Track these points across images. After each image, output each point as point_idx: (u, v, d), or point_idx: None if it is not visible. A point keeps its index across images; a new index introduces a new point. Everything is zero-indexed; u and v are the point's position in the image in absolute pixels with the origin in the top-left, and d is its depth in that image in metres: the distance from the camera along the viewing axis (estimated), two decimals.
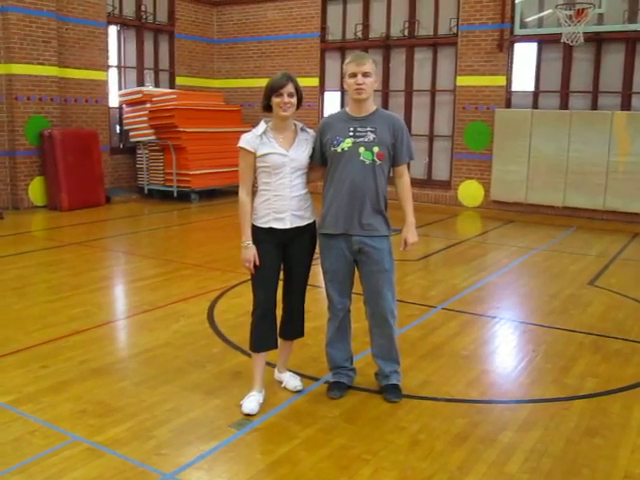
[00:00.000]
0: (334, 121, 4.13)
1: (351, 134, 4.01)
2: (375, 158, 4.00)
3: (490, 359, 5.16)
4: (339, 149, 4.02)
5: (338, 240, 4.10)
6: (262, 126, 3.99)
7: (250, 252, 3.96)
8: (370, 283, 4.13)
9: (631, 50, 11.55)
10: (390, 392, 4.24)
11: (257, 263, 3.96)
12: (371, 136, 4.00)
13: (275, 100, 3.89)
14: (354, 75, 3.96)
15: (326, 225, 4.13)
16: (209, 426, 3.84)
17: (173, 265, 7.82)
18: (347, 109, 4.15)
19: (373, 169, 4.02)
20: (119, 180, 13.73)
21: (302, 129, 4.10)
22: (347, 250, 4.10)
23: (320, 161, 4.13)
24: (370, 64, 3.98)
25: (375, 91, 4.14)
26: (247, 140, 3.96)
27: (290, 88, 3.90)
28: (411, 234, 4.17)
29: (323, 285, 4.28)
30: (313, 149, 4.09)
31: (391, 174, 4.20)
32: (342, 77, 4.14)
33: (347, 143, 4.01)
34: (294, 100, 3.94)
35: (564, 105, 12.22)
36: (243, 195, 3.99)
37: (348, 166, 4.01)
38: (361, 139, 4.00)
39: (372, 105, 4.10)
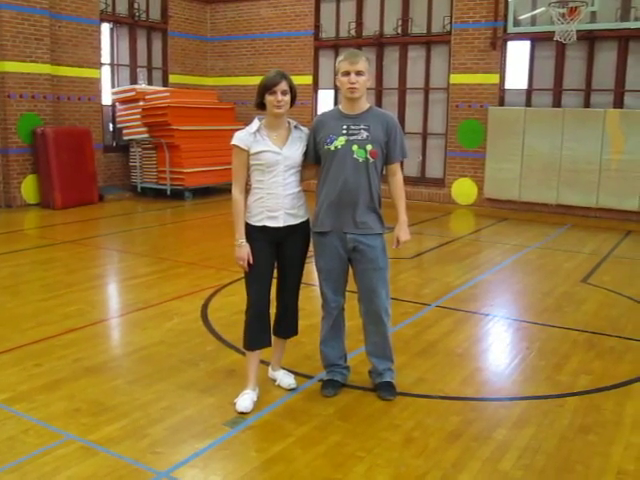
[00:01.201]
0: (327, 119, 4.12)
1: (344, 132, 4.00)
2: (368, 156, 4.00)
3: (484, 357, 5.17)
4: (332, 147, 4.01)
5: (332, 238, 4.10)
6: (256, 124, 3.97)
7: (244, 250, 3.96)
8: (364, 281, 4.13)
9: (624, 48, 11.58)
10: (384, 390, 4.24)
11: (251, 261, 3.96)
12: (364, 134, 4.00)
13: (269, 98, 3.88)
14: (347, 74, 3.95)
15: (319, 223, 4.12)
16: (203, 424, 3.83)
17: (167, 263, 7.80)
18: (340, 107, 4.14)
19: (366, 167, 4.01)
20: (112, 178, 13.70)
21: (296, 127, 4.09)
22: (341, 248, 4.10)
23: (314, 160, 4.12)
24: (363, 62, 3.97)
25: (368, 89, 4.13)
26: (240, 138, 3.95)
27: (284, 86, 3.89)
28: (403, 232, 4.16)
29: (317, 283, 4.28)
30: (307, 147, 4.08)
31: (384, 172, 4.20)
32: (335, 74, 4.12)
33: (340, 141, 4.00)
34: (288, 98, 3.93)
35: (557, 103, 12.25)
36: (236, 193, 3.98)
37: (341, 164, 4.00)
38: (354, 137, 4.00)
39: (365, 103, 4.09)
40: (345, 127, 4.01)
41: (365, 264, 4.10)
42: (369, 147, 4.00)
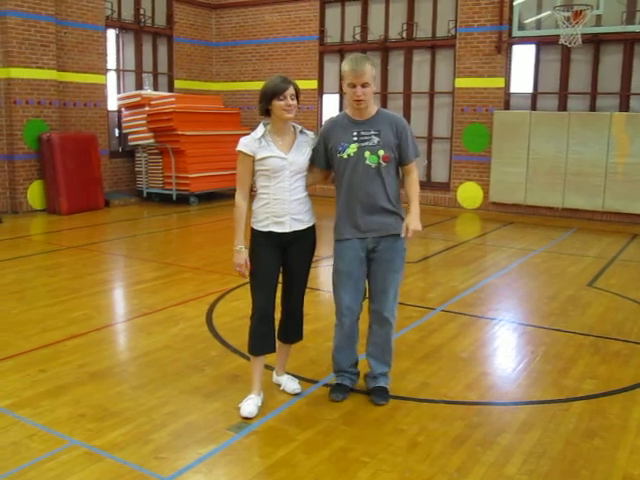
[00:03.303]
0: (337, 126, 4.09)
1: (355, 139, 3.99)
2: (381, 161, 3.98)
3: (489, 361, 5.15)
4: (345, 155, 4.00)
5: (353, 243, 4.08)
6: (261, 129, 3.97)
7: (242, 256, 3.95)
8: (377, 280, 4.11)
9: (629, 51, 11.56)
10: (377, 395, 4.23)
11: (248, 267, 3.96)
12: (375, 139, 3.98)
13: (278, 103, 3.86)
14: (353, 86, 3.93)
15: (340, 232, 4.10)
16: (208, 429, 3.83)
17: (172, 268, 7.81)
18: (348, 112, 4.10)
19: (380, 172, 4.00)
20: (118, 184, 13.74)
21: (301, 132, 4.08)
22: (362, 251, 4.08)
23: (325, 166, 4.12)
24: (369, 72, 3.91)
25: (374, 93, 4.10)
26: (245, 144, 3.95)
27: (292, 90, 3.89)
28: (414, 221, 4.02)
29: (320, 287, 4.28)
30: (316, 153, 4.07)
31: (400, 174, 4.17)
32: (340, 79, 4.08)
33: (352, 148, 3.99)
34: (296, 102, 3.93)
35: (562, 106, 12.23)
36: (239, 199, 3.98)
37: (355, 172, 4.00)
38: (366, 143, 3.98)
39: (373, 107, 4.07)
40: (356, 134, 4.00)
41: (381, 264, 4.07)
42: (381, 152, 3.98)
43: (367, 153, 3.98)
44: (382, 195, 4.03)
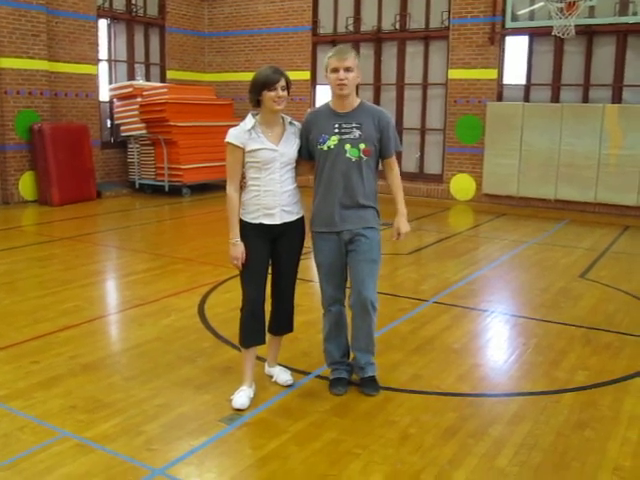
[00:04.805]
0: (318, 117, 4.08)
1: (336, 131, 3.98)
2: (362, 155, 3.98)
3: (481, 353, 5.16)
4: (325, 147, 3.99)
5: (331, 235, 4.09)
6: (250, 120, 3.94)
7: (238, 249, 3.94)
8: (355, 272, 4.10)
9: (622, 43, 11.55)
10: (367, 386, 4.25)
11: (243, 261, 3.95)
12: (357, 133, 3.97)
13: (268, 94, 3.84)
14: (336, 70, 3.92)
15: (317, 223, 4.11)
16: (199, 421, 3.83)
17: (164, 260, 7.79)
18: (330, 104, 4.09)
19: (360, 166, 4.00)
20: (110, 175, 13.68)
21: (290, 123, 4.06)
22: (340, 242, 4.09)
23: (308, 157, 4.11)
24: (352, 58, 3.93)
25: (366, 84, 4.10)
26: (235, 135, 3.92)
27: (283, 82, 3.87)
28: (403, 224, 4.15)
29: (314, 279, 4.27)
30: (300, 144, 4.06)
31: (380, 167, 4.18)
32: (325, 71, 4.05)
33: (333, 141, 3.98)
34: (286, 94, 3.91)
35: (555, 98, 12.23)
36: (231, 191, 3.96)
37: (335, 164, 3.99)
38: (347, 136, 3.97)
39: (355, 99, 4.06)
40: (337, 126, 3.99)
41: (359, 255, 4.07)
42: (362, 146, 3.98)
43: (348, 146, 3.97)
44: (360, 189, 4.03)
